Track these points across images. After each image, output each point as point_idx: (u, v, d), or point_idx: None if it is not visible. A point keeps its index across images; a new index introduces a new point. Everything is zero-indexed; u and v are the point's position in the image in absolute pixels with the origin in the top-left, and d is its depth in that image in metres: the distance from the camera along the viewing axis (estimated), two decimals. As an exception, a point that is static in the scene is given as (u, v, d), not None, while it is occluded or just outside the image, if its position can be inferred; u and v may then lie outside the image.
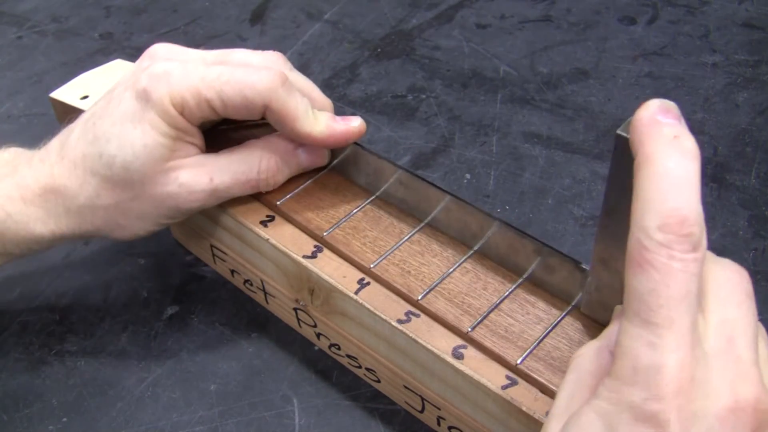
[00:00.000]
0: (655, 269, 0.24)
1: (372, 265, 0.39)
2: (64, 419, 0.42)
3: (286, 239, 0.41)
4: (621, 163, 0.28)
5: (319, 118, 0.40)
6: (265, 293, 0.45)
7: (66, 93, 0.49)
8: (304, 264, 0.39)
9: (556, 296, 0.37)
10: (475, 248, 0.39)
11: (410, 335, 0.36)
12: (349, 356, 0.42)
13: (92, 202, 0.39)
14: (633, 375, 0.25)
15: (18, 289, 0.48)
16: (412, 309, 0.37)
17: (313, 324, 0.43)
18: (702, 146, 0.56)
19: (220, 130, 0.45)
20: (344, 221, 0.41)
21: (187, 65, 0.38)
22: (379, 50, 0.66)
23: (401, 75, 0.64)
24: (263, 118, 0.40)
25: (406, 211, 0.41)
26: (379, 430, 0.41)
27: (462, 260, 0.39)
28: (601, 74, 0.63)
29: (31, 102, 0.62)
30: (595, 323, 0.36)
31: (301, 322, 0.44)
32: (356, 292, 0.38)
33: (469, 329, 0.36)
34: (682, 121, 0.26)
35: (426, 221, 0.40)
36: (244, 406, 0.42)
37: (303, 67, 0.65)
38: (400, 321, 0.37)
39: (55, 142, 0.41)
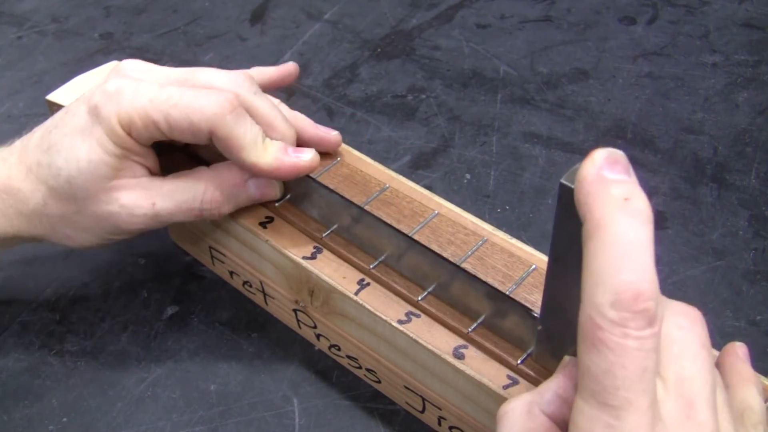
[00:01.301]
0: (609, 349, 0.23)
1: (372, 266, 0.39)
2: (64, 419, 0.42)
3: (286, 240, 0.41)
4: (566, 214, 0.26)
5: (268, 149, 0.38)
6: (265, 294, 0.45)
7: (62, 95, 0.49)
8: (304, 265, 0.39)
9: (511, 342, 0.36)
10: (429, 289, 0.38)
11: (411, 336, 0.36)
12: (349, 357, 0.42)
13: (40, 210, 0.40)
14: None
15: (18, 289, 0.48)
16: (413, 309, 0.37)
17: (312, 325, 0.43)
18: (702, 146, 0.57)
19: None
20: (345, 223, 0.40)
21: (140, 85, 0.38)
22: (379, 50, 0.66)
23: (401, 75, 0.64)
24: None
25: (360, 247, 0.40)
26: (379, 430, 0.41)
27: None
28: (601, 74, 0.63)
29: (31, 102, 0.62)
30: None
31: (300, 323, 0.44)
32: (356, 293, 0.38)
33: (470, 329, 0.36)
34: (632, 172, 0.24)
35: (381, 259, 0.39)
36: (244, 406, 0.42)
37: (303, 68, 0.65)
38: (400, 321, 0.37)
39: (17, 144, 0.41)
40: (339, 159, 0.43)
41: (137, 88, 0.38)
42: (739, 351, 0.33)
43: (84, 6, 0.73)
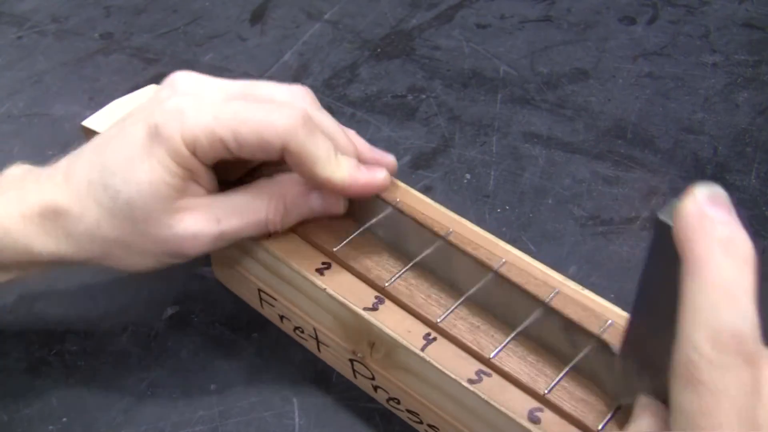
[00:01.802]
0: (707, 389, 0.23)
1: (438, 320, 0.36)
2: (64, 419, 0.42)
3: (345, 289, 0.38)
4: (662, 252, 0.25)
5: (342, 164, 0.37)
6: (318, 342, 0.42)
7: (98, 121, 0.47)
8: (365, 317, 0.37)
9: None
10: (519, 329, 0.36)
11: (483, 397, 0.34)
12: (409, 411, 0.39)
13: (92, 232, 0.37)
14: None
15: (18, 289, 0.48)
16: (483, 368, 0.35)
17: (370, 377, 0.40)
18: (702, 146, 0.57)
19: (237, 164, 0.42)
20: (406, 271, 0.38)
21: (202, 101, 0.36)
22: (379, 50, 0.66)
23: (401, 75, 0.64)
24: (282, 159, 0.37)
25: (444, 281, 0.38)
26: (379, 430, 0.41)
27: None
28: (601, 74, 0.63)
29: (31, 102, 0.62)
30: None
31: (356, 374, 0.41)
32: (422, 349, 0.35)
33: (546, 391, 0.33)
34: (732, 211, 0.24)
35: (450, 311, 0.37)
36: (244, 406, 0.42)
37: (303, 67, 0.65)
38: (471, 381, 0.34)
39: (63, 162, 0.39)
40: (399, 200, 0.41)
41: (200, 105, 0.36)
42: None
43: (84, 6, 0.73)
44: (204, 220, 0.37)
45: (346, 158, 0.38)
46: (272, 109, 0.36)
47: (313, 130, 0.36)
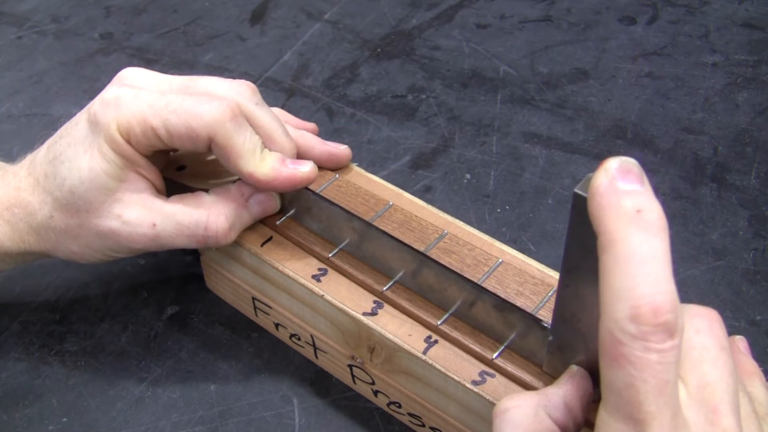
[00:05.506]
0: (631, 364, 0.23)
1: (439, 322, 0.36)
2: (64, 419, 0.42)
3: (343, 295, 0.38)
4: (580, 222, 0.26)
5: (266, 159, 0.38)
6: (315, 348, 0.42)
7: None
8: (365, 322, 0.37)
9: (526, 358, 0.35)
10: (452, 310, 0.37)
11: (487, 398, 0.34)
12: (411, 415, 0.39)
13: (47, 223, 0.39)
14: None
15: (18, 289, 0.48)
16: (487, 369, 0.35)
17: (370, 381, 0.40)
18: (702, 146, 0.57)
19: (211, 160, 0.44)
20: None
21: (139, 92, 0.38)
22: (379, 50, 0.66)
23: (401, 75, 0.64)
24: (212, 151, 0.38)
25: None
26: (379, 431, 0.41)
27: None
28: (601, 74, 0.63)
29: (31, 102, 0.62)
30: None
31: (356, 379, 0.41)
32: (424, 352, 0.35)
33: None
34: (645, 181, 0.24)
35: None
36: (244, 406, 0.42)
37: (303, 67, 0.65)
38: (475, 382, 0.34)
39: (29, 157, 0.41)
40: (337, 176, 0.41)
41: (136, 95, 0.37)
42: (740, 344, 0.33)
43: (84, 6, 0.73)
44: (141, 218, 0.38)
45: (272, 153, 0.39)
46: (203, 101, 0.37)
47: (241, 124, 0.37)
